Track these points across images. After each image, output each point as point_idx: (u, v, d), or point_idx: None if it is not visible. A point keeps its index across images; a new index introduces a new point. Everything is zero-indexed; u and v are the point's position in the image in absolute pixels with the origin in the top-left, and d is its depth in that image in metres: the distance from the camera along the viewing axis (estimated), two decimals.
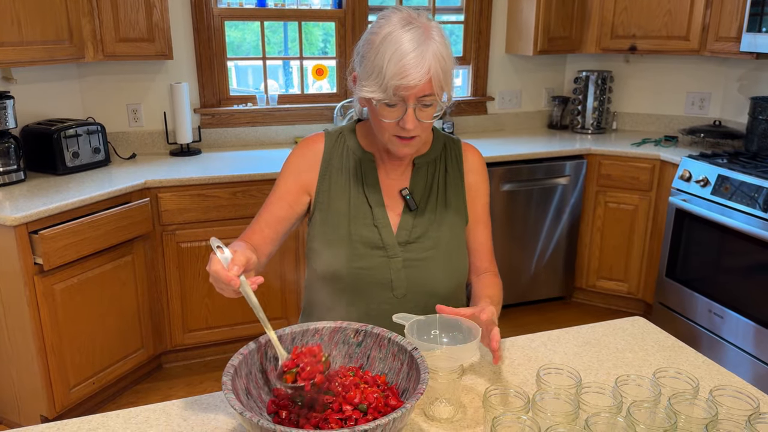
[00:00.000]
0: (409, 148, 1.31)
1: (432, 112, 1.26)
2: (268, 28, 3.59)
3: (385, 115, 1.25)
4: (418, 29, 1.20)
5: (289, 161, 1.45)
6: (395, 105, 1.23)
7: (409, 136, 1.26)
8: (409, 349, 1.06)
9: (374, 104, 1.24)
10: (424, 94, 1.21)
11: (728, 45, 3.20)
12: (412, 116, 1.23)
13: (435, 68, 1.19)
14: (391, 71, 1.18)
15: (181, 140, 3.20)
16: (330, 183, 1.41)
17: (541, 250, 3.54)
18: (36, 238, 2.28)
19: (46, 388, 2.42)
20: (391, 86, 1.19)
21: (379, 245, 1.37)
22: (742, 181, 2.80)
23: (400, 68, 1.17)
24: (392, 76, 1.18)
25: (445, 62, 1.21)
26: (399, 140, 1.28)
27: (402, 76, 1.18)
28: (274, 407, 1.03)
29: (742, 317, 2.81)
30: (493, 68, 3.90)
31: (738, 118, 3.60)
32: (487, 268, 1.48)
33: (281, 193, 1.42)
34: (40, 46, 2.56)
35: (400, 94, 1.20)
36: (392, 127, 1.26)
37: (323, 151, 1.43)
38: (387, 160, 1.41)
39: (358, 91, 1.26)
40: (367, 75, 1.23)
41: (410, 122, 1.23)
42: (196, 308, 2.93)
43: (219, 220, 2.85)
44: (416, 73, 1.17)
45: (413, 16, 1.23)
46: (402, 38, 1.19)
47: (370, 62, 1.22)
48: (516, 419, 0.94)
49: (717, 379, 1.25)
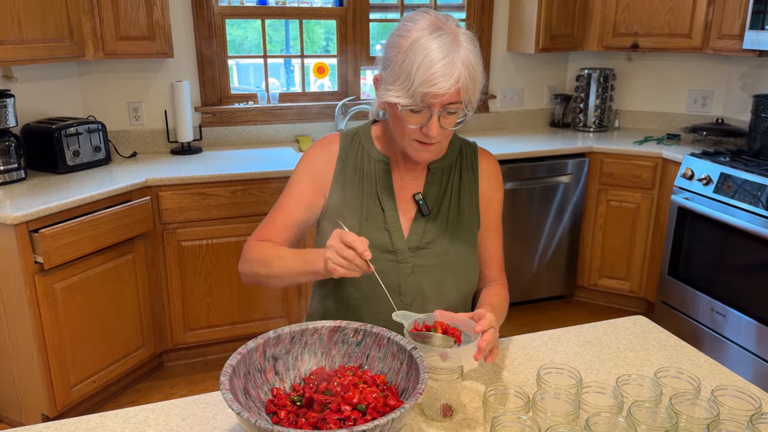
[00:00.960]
0: (428, 153, 1.29)
1: (455, 119, 1.24)
2: (270, 26, 3.58)
3: (409, 120, 1.22)
4: (448, 36, 1.17)
5: (305, 162, 1.42)
6: (420, 111, 1.21)
7: (430, 142, 1.25)
8: (408, 349, 1.05)
9: (399, 109, 1.21)
10: (451, 101, 1.19)
11: (731, 43, 3.19)
12: (437, 123, 1.21)
13: (464, 77, 1.17)
14: (420, 78, 1.15)
15: (181, 139, 3.19)
16: (344, 184, 1.39)
17: (543, 248, 3.53)
18: (36, 237, 2.28)
19: (47, 387, 2.42)
20: (419, 93, 1.16)
21: (389, 249, 1.35)
22: (744, 180, 2.78)
23: (429, 76, 1.15)
24: (421, 83, 1.16)
25: (474, 71, 1.19)
26: (420, 145, 1.27)
27: (431, 84, 1.15)
28: (273, 407, 1.02)
29: (744, 316, 2.80)
30: (495, 66, 3.89)
31: (741, 116, 3.58)
32: (495, 278, 1.46)
33: (298, 195, 1.40)
34: (41, 44, 2.55)
35: (427, 101, 1.18)
36: (415, 133, 1.24)
37: (338, 152, 1.41)
38: (402, 164, 1.39)
39: (383, 95, 1.23)
40: (394, 79, 1.20)
41: (434, 129, 1.21)
42: (197, 307, 2.93)
43: (220, 219, 2.85)
44: (445, 82, 1.15)
45: (442, 21, 1.20)
46: (431, 45, 1.16)
47: (397, 66, 1.19)
48: (516, 419, 0.93)
49: (719, 378, 1.24)
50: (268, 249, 1.33)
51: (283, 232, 1.39)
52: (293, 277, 1.29)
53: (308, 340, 1.13)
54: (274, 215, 1.40)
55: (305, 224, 1.41)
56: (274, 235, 1.38)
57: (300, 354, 1.13)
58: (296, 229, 1.40)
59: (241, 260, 1.38)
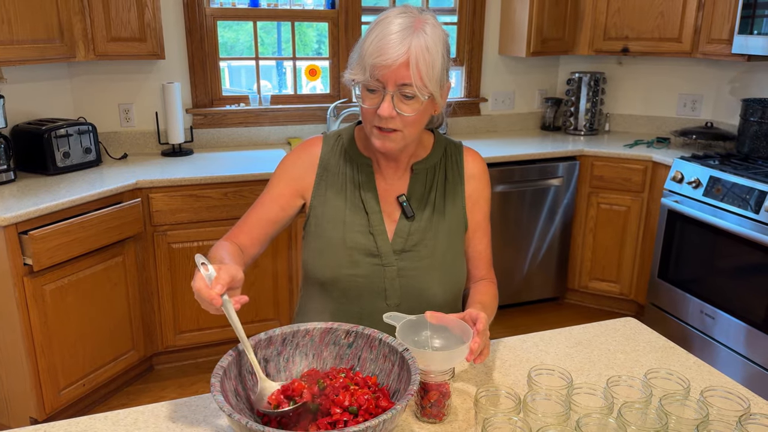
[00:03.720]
0: (390, 143, 1.26)
1: (414, 107, 1.21)
2: (262, 28, 3.58)
3: (366, 100, 1.23)
4: (411, 18, 1.20)
5: (284, 163, 1.42)
6: (375, 90, 1.21)
7: (387, 127, 1.23)
8: (400, 350, 1.05)
9: (357, 89, 1.23)
10: (404, 82, 1.18)
11: (720, 47, 3.21)
12: (389, 102, 1.20)
13: (415, 54, 1.16)
14: (371, 50, 1.18)
15: (172, 140, 3.18)
16: (326, 188, 1.38)
17: (534, 251, 3.54)
18: (26, 239, 2.26)
19: (36, 390, 2.40)
20: (368, 65, 1.18)
21: (374, 252, 1.34)
22: (733, 183, 2.81)
23: (378, 47, 1.17)
24: (370, 54, 1.18)
25: (430, 55, 1.18)
26: (379, 132, 1.25)
27: (378, 54, 1.17)
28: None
29: (733, 318, 2.82)
30: (487, 69, 3.91)
31: (730, 119, 3.61)
32: (484, 276, 1.46)
33: (274, 195, 1.40)
34: (31, 45, 2.54)
35: (377, 75, 1.18)
36: (372, 116, 1.23)
37: (320, 155, 1.40)
38: (384, 165, 1.38)
39: (345, 77, 1.26)
40: (354, 58, 1.24)
41: (385, 109, 1.20)
42: (188, 309, 2.91)
43: (210, 221, 2.84)
44: (393, 52, 1.16)
45: (411, 9, 1.22)
46: (392, 22, 1.19)
47: (358, 46, 1.23)
48: (507, 420, 0.94)
49: (708, 379, 1.25)
50: (219, 250, 1.28)
51: (254, 229, 1.38)
52: None
53: (300, 342, 1.13)
54: (247, 214, 1.41)
55: (278, 224, 1.41)
56: (243, 232, 1.38)
57: (291, 356, 1.12)
58: (268, 227, 1.39)
59: None
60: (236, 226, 1.40)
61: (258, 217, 1.39)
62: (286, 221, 1.42)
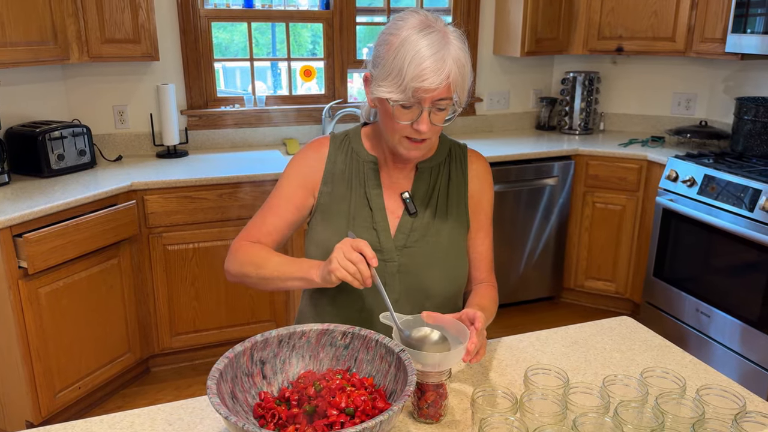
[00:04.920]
0: (418, 151, 1.30)
1: (444, 115, 1.26)
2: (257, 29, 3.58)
3: (400, 116, 1.24)
4: (438, 33, 1.20)
5: (294, 164, 1.44)
6: (410, 107, 1.23)
7: (420, 138, 1.26)
8: (396, 351, 1.05)
9: (390, 105, 1.23)
10: (441, 97, 1.21)
11: (713, 46, 3.23)
12: (427, 119, 1.23)
13: (454, 73, 1.19)
14: (411, 73, 1.18)
15: (167, 142, 3.17)
16: (333, 186, 1.40)
17: (530, 250, 3.55)
18: (20, 242, 2.25)
19: (32, 394, 2.39)
20: (410, 88, 1.19)
21: (376, 248, 1.35)
22: (728, 181, 2.82)
23: (420, 71, 1.17)
24: (412, 78, 1.18)
25: (464, 68, 1.22)
26: (410, 142, 1.28)
27: (422, 78, 1.17)
28: (261, 411, 1.02)
29: (728, 316, 2.83)
30: (482, 69, 3.91)
31: (724, 118, 3.63)
32: (485, 279, 1.47)
33: (288, 195, 1.41)
34: (24, 47, 2.53)
35: (418, 96, 1.20)
36: (405, 129, 1.26)
37: (327, 154, 1.42)
38: (391, 164, 1.40)
39: (374, 91, 1.25)
40: (385, 76, 1.22)
41: (424, 125, 1.23)
42: (184, 311, 2.91)
43: (206, 223, 2.83)
44: (436, 77, 1.18)
45: (431, 20, 1.23)
46: (421, 42, 1.18)
47: (388, 63, 1.21)
48: (504, 420, 0.94)
49: (704, 378, 1.26)
50: (260, 251, 1.34)
51: (273, 232, 1.39)
52: (283, 281, 1.30)
53: (296, 344, 1.13)
54: (264, 215, 1.41)
55: (294, 224, 1.42)
56: (264, 235, 1.39)
57: (288, 357, 1.12)
58: (286, 230, 1.41)
59: (230, 258, 1.38)
60: (254, 227, 1.41)
61: (276, 221, 1.40)
62: (301, 221, 1.43)
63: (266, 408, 1.01)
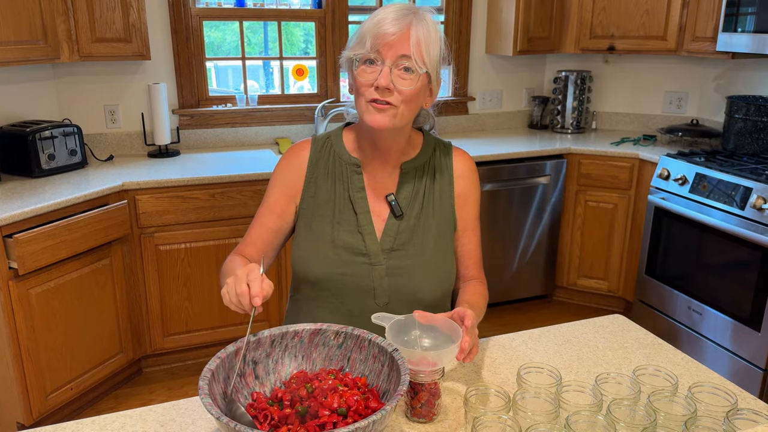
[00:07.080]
0: (384, 116, 1.25)
1: (411, 82, 1.25)
2: (249, 28, 3.57)
3: (363, 74, 1.25)
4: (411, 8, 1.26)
5: (276, 172, 1.44)
6: (374, 63, 1.25)
7: (383, 99, 1.24)
8: (389, 351, 1.05)
9: (354, 67, 1.26)
10: (403, 53, 1.22)
11: (705, 45, 3.24)
12: (387, 74, 1.23)
13: (416, 30, 1.23)
14: (371, 24, 1.24)
15: (159, 141, 3.16)
16: (315, 189, 1.39)
17: (523, 249, 3.56)
18: (10, 242, 2.24)
19: (23, 395, 2.37)
20: (369, 37, 1.23)
21: (362, 252, 1.35)
22: (719, 179, 2.83)
23: (379, 21, 1.24)
24: (371, 27, 1.24)
25: (430, 35, 1.25)
26: (375, 106, 1.26)
27: (380, 27, 1.23)
28: (253, 411, 1.01)
29: (720, 314, 2.85)
30: (474, 68, 3.91)
31: (715, 117, 3.64)
32: (474, 276, 1.46)
33: (270, 204, 1.41)
34: (14, 46, 2.51)
35: (377, 47, 1.23)
36: (368, 90, 1.25)
37: (308, 158, 1.41)
38: (374, 165, 1.39)
39: (342, 59, 1.30)
40: (353, 40, 1.28)
41: (384, 78, 1.23)
42: (176, 312, 2.90)
43: (198, 222, 2.82)
44: (394, 26, 1.22)
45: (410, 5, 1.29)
46: (391, 7, 1.26)
47: (357, 31, 1.28)
48: (497, 419, 0.94)
49: (696, 375, 1.26)
50: (231, 263, 1.34)
51: (257, 241, 1.40)
52: None
53: (289, 344, 1.12)
54: (251, 227, 1.43)
55: (280, 232, 1.42)
56: (247, 245, 1.40)
57: (280, 357, 1.12)
58: (271, 237, 1.41)
59: None
60: (243, 240, 1.42)
61: (259, 230, 1.41)
62: (287, 229, 1.43)
63: (259, 408, 1.01)
